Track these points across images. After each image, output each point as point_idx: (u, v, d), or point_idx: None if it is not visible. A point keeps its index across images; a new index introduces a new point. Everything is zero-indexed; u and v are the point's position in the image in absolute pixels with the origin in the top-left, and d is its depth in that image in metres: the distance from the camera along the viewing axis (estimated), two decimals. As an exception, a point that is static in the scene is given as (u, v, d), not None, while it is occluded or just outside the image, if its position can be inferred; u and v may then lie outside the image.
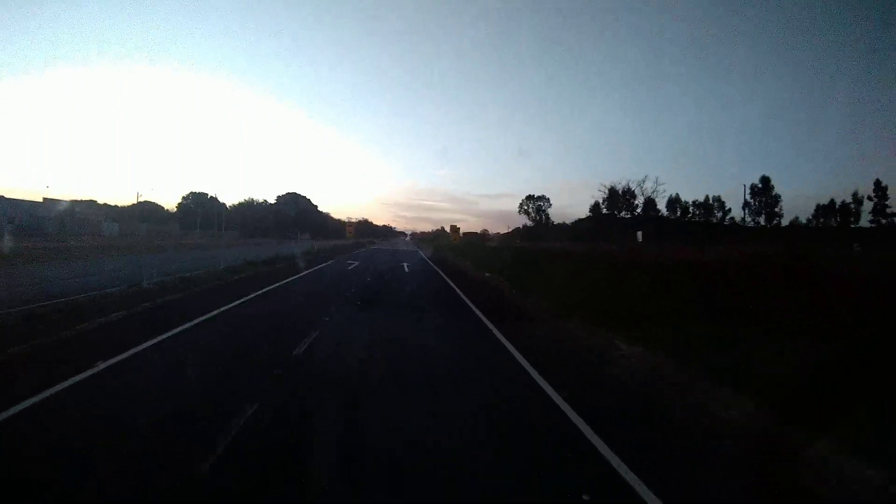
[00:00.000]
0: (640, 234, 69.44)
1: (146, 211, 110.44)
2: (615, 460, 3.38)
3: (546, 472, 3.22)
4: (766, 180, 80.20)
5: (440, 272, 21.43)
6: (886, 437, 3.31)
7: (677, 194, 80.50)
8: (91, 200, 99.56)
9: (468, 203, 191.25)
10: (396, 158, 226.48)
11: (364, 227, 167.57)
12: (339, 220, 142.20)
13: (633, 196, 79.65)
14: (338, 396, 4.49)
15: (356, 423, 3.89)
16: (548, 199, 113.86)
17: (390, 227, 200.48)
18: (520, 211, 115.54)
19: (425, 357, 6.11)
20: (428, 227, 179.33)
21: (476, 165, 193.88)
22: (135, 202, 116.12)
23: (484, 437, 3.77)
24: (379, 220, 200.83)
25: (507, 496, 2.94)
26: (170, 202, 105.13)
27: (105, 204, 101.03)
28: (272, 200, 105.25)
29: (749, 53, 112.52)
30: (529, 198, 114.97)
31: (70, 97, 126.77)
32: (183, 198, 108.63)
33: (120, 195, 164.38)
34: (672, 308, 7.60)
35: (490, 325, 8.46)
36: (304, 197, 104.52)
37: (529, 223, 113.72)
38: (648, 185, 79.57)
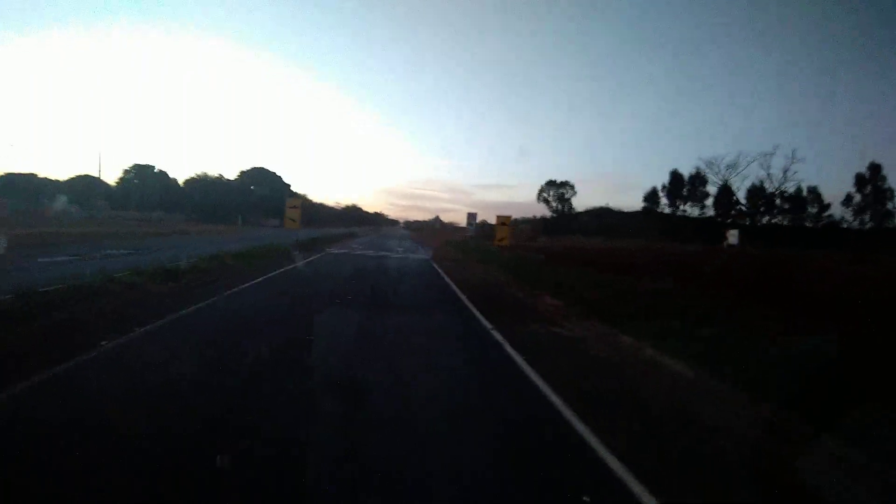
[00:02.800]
0: (732, 234, 50.16)
1: (84, 186, 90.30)
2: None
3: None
4: (875, 169, 60.96)
5: None
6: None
7: (762, 183, 60.81)
8: (31, 174, 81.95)
9: (463, 193, 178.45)
10: (392, 145, 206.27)
11: (352, 213, 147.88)
12: (321, 205, 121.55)
13: (704, 182, 60.27)
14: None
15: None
16: (572, 186, 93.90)
17: (383, 215, 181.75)
18: (538, 199, 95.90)
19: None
20: (421, 216, 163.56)
21: (473, 155, 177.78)
22: (73, 176, 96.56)
23: None
24: (371, 208, 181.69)
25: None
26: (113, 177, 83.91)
27: (46, 178, 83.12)
28: (233, 176, 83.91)
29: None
30: (550, 184, 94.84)
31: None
32: (124, 171, 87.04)
33: (66, 168, 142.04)
34: None
35: None
36: (274, 174, 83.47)
37: (549, 213, 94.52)
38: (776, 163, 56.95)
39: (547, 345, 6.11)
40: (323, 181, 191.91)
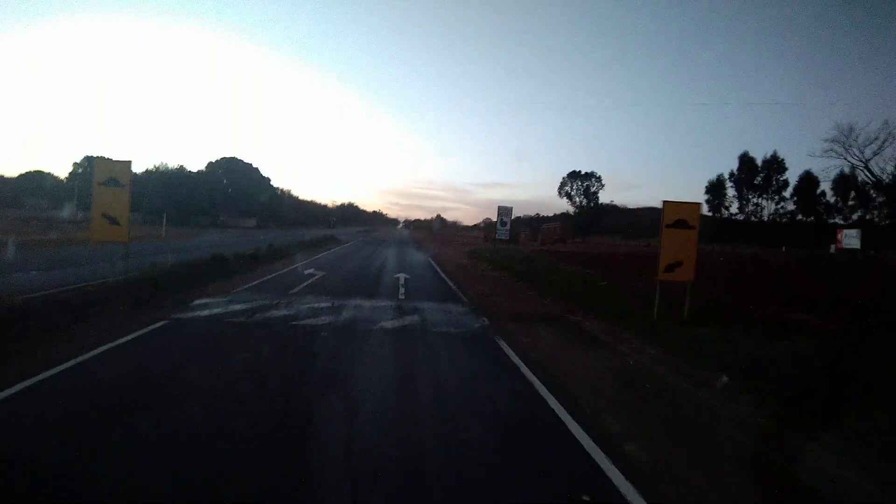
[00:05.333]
0: (849, 235, 37.31)
1: (33, 183, 78.99)
2: None
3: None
4: None
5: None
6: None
7: (852, 170, 47.72)
8: (-20, 172, 71.65)
9: (463, 192, 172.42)
10: (391, 145, 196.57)
11: (348, 212, 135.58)
12: (311, 203, 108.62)
13: (782, 168, 46.79)
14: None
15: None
16: (599, 178, 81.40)
17: (382, 214, 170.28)
18: (559, 193, 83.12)
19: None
20: (421, 215, 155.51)
21: (472, 154, 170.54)
22: (22, 172, 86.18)
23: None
24: (370, 207, 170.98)
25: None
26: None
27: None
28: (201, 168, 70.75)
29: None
30: (573, 175, 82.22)
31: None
32: (75, 164, 74.83)
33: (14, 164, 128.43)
34: None
35: None
36: (250, 165, 70.28)
37: (573, 209, 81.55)
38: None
39: None
40: (318, 180, 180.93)
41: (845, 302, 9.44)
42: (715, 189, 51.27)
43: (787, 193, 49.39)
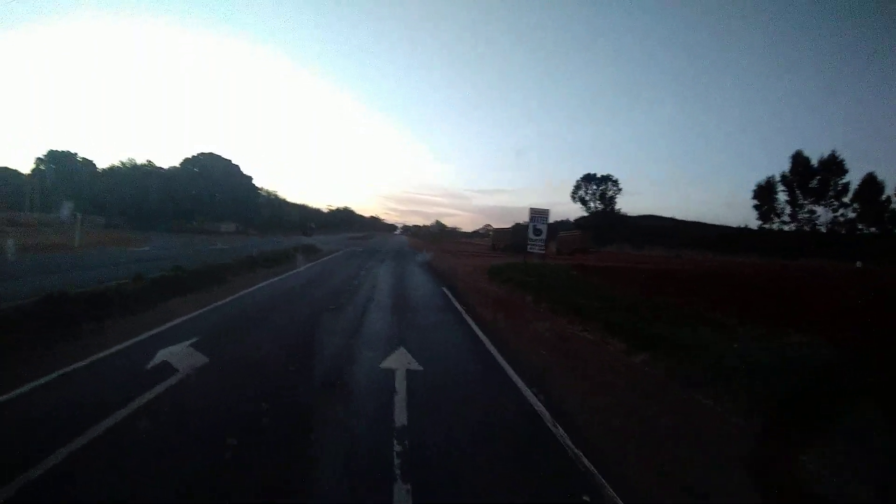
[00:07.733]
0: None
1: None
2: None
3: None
4: None
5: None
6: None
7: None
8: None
9: (462, 198, 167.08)
10: (390, 150, 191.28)
11: (343, 216, 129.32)
12: (303, 206, 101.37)
13: (841, 170, 39.32)
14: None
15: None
16: (615, 182, 74.95)
17: (379, 220, 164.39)
18: (573, 198, 76.35)
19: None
20: (419, 221, 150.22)
21: (472, 161, 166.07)
22: None
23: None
24: (368, 212, 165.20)
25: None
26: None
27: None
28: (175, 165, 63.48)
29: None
30: (588, 178, 75.51)
31: None
32: (37, 160, 67.94)
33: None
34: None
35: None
36: (230, 162, 63.03)
37: (585, 214, 74.66)
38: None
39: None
40: (314, 184, 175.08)
41: None
42: (764, 193, 43.86)
43: (845, 199, 42.43)
